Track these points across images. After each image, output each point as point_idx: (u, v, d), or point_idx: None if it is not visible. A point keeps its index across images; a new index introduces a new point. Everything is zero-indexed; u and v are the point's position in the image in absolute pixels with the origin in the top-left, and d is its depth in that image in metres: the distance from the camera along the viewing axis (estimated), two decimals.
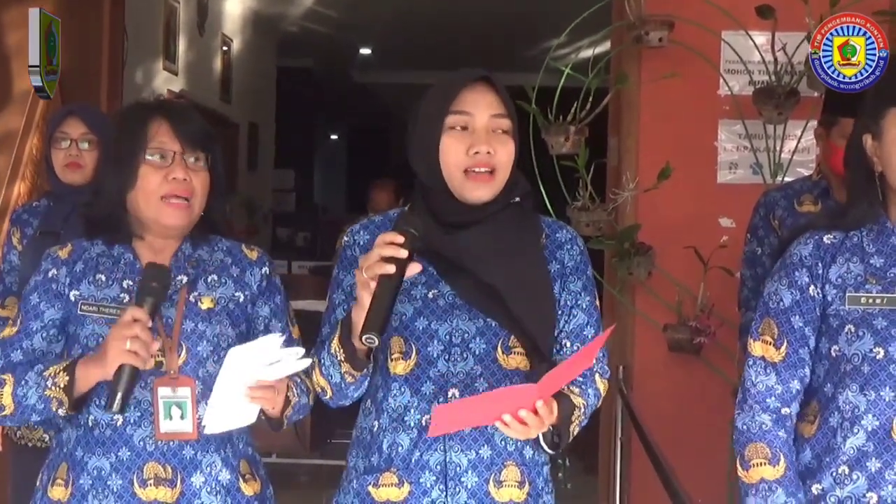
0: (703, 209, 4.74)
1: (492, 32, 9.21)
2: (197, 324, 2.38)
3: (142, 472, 2.32)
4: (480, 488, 2.25)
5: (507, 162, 2.25)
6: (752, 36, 4.68)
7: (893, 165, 2.18)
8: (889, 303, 2.18)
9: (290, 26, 11.19)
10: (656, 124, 4.85)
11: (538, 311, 2.27)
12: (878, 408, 2.16)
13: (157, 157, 2.35)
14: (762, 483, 2.17)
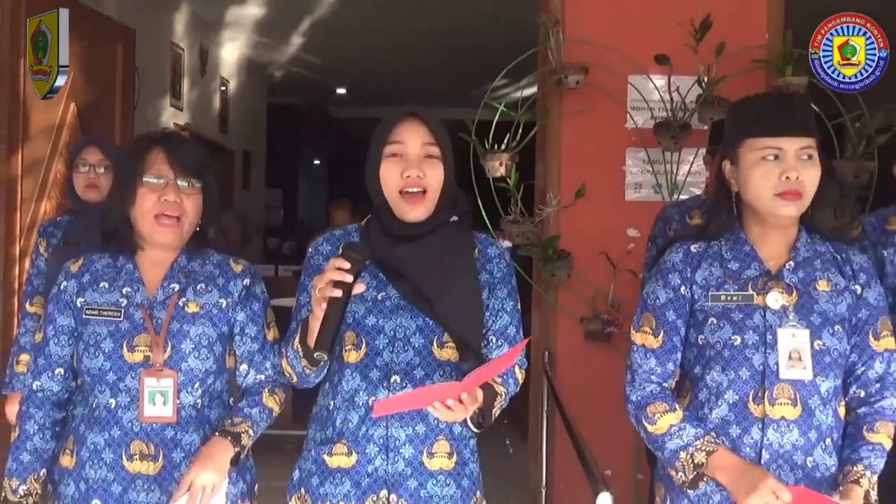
0: (613, 222, 4.70)
1: (443, 75, 9.20)
2: (182, 325, 2.36)
3: (129, 449, 2.30)
4: (415, 458, 2.25)
5: (438, 183, 2.24)
6: (653, 79, 4.66)
7: (748, 187, 2.21)
8: (744, 299, 2.23)
9: (278, 70, 11.17)
10: (574, 152, 4.81)
11: (468, 314, 2.27)
12: (736, 385, 2.21)
13: (153, 180, 2.33)
14: (671, 428, 2.17)
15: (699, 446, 2.12)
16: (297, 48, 10.03)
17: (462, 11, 7.47)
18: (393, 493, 2.23)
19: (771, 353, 2.18)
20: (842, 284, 2.26)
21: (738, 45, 4.50)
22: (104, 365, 2.32)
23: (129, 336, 2.33)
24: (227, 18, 9.00)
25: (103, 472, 2.30)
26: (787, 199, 2.17)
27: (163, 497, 2.30)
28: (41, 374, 2.39)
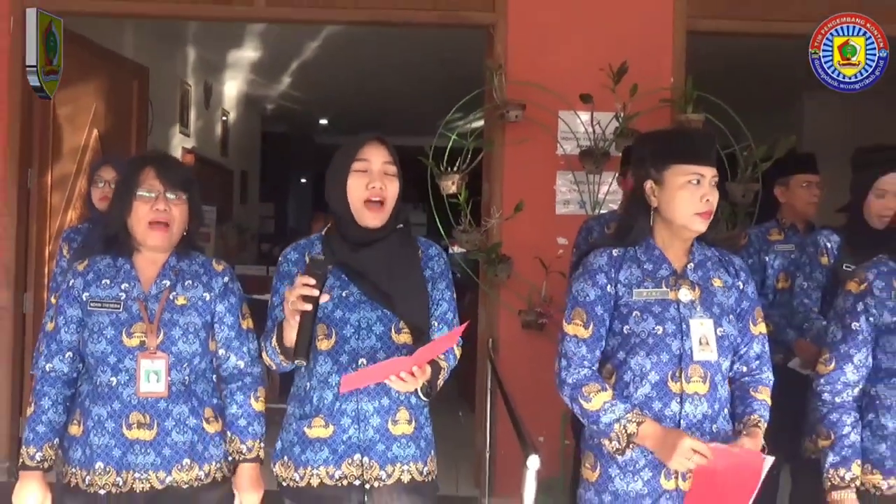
0: (546, 232, 4.72)
1: (406, 109, 9.20)
2: (172, 315, 2.35)
3: (128, 419, 2.28)
4: (382, 426, 2.25)
5: (394, 195, 2.28)
6: (579, 114, 4.67)
7: (672, 205, 2.20)
8: (661, 294, 2.22)
9: (270, 104, 11.12)
10: (514, 174, 4.82)
11: (417, 304, 2.28)
12: (658, 367, 2.19)
13: (146, 193, 2.32)
14: (605, 404, 2.15)
15: (630, 419, 2.10)
16: (286, 86, 9.98)
17: (422, 56, 7.50)
18: (365, 456, 2.23)
19: (686, 339, 2.18)
20: (729, 281, 2.28)
21: (648, 86, 4.53)
22: (106, 349, 2.30)
23: (128, 324, 2.31)
24: (228, 60, 8.94)
25: (106, 439, 2.28)
26: (703, 217, 2.19)
27: (157, 459, 2.29)
28: (53, 358, 2.35)
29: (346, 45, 7.79)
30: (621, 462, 2.19)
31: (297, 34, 7.61)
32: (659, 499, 2.16)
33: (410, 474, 2.27)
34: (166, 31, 7.39)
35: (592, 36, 4.75)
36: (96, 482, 2.28)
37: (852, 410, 2.32)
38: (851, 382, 2.32)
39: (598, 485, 2.22)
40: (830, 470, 2.29)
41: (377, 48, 7.69)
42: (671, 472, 2.15)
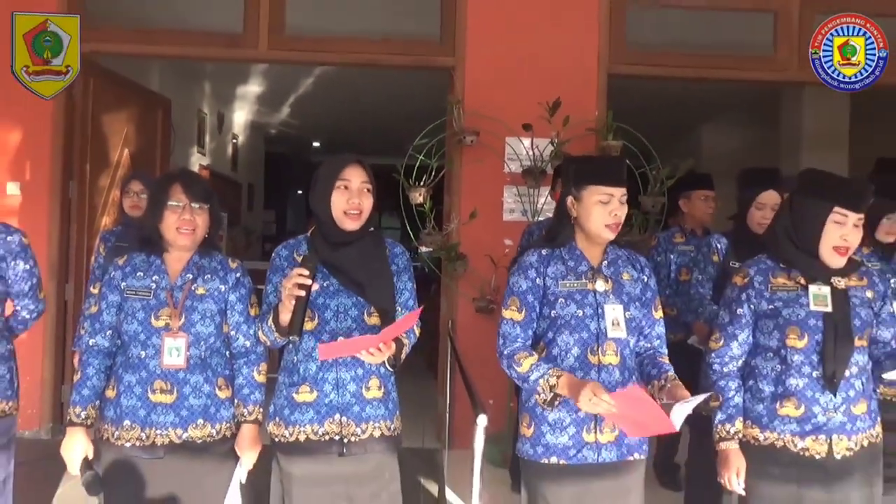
0: (495, 234, 4.72)
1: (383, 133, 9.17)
2: (193, 302, 2.32)
3: (152, 385, 2.27)
4: (358, 391, 2.25)
5: (368, 207, 2.27)
6: (522, 140, 4.69)
7: (588, 218, 2.22)
8: (581, 286, 2.22)
9: (272, 129, 11.01)
10: (470, 187, 4.82)
11: (386, 293, 2.28)
12: (580, 343, 2.19)
13: (175, 203, 2.31)
14: (532, 366, 2.15)
15: (551, 374, 2.10)
16: (285, 115, 9.90)
17: (397, 92, 7.50)
18: (343, 416, 2.23)
19: (601, 321, 2.19)
20: (636, 276, 2.29)
21: (577, 118, 4.55)
22: (137, 328, 2.28)
23: (156, 309, 2.29)
24: (237, 94, 8.84)
25: (133, 401, 2.27)
26: (612, 229, 2.20)
27: (176, 418, 2.27)
28: (96, 335, 2.33)
29: (334, 83, 7.76)
30: (551, 420, 2.19)
31: (294, 73, 7.57)
32: (581, 449, 2.16)
33: (380, 430, 2.28)
34: (186, 69, 7.32)
35: (533, 77, 4.76)
36: (123, 437, 2.26)
37: (736, 378, 2.33)
38: (736, 356, 2.33)
39: (532, 439, 2.22)
40: (719, 426, 2.30)
41: (360, 85, 7.67)
42: (591, 428, 2.16)
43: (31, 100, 4.52)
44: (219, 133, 9.15)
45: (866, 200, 2.22)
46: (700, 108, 8.37)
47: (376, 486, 2.26)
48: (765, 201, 3.22)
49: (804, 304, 2.23)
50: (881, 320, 2.30)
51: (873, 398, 2.29)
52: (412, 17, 5.13)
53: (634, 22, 4.97)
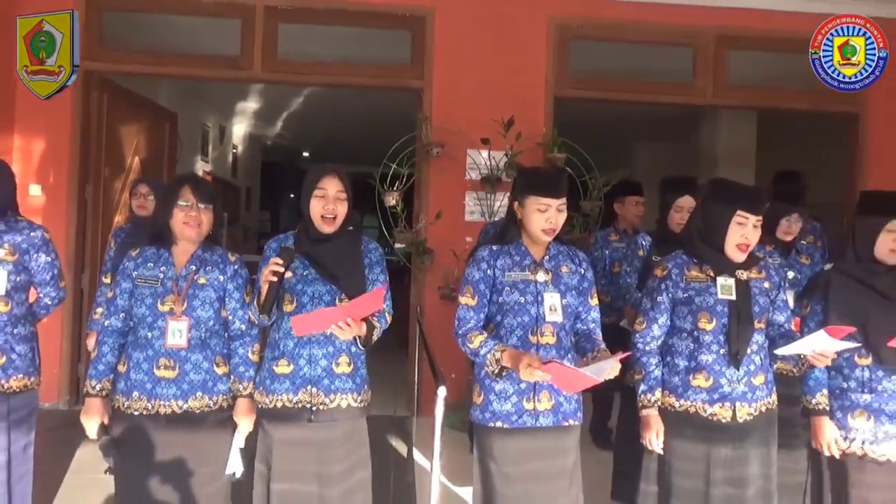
0: (458, 232, 4.71)
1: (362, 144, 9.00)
2: (195, 290, 2.29)
3: (157, 362, 2.23)
4: (328, 366, 2.24)
5: (343, 213, 2.25)
6: (481, 152, 4.68)
7: (529, 222, 2.23)
8: (524, 276, 2.22)
9: (268, 140, 10.88)
10: (436, 192, 4.80)
11: (357, 283, 2.25)
12: (522, 326, 2.20)
13: (184, 203, 2.29)
14: (481, 343, 2.15)
15: (497, 349, 2.10)
16: (279, 128, 9.78)
17: (374, 109, 7.44)
18: (314, 387, 2.22)
19: (540, 307, 2.19)
20: (574, 268, 2.29)
21: (528, 133, 4.57)
22: (145, 312, 2.26)
23: (163, 296, 2.27)
24: (237, 109, 8.72)
25: (140, 376, 2.25)
26: (548, 233, 2.21)
27: (177, 391, 2.25)
28: (111, 317, 2.31)
29: (320, 101, 7.70)
30: (497, 390, 2.20)
31: (286, 93, 7.48)
32: (522, 415, 2.18)
33: (347, 401, 2.26)
34: (191, 87, 7.18)
35: (491, 98, 4.76)
36: (132, 406, 2.24)
37: (657, 355, 2.35)
38: (656, 336, 2.35)
39: (481, 406, 2.23)
40: (641, 395, 2.33)
41: (342, 103, 7.61)
42: (530, 398, 2.17)
43: (52, 111, 4.44)
44: (220, 143, 9.01)
45: (763, 205, 2.26)
46: (633, 126, 8.45)
47: (346, 450, 2.26)
48: (682, 205, 3.24)
49: (713, 293, 2.26)
50: (776, 306, 2.35)
51: (770, 371, 2.34)
52: (387, 45, 5.11)
53: (577, 52, 5.00)
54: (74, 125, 4.68)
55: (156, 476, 2.22)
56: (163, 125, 5.75)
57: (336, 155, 10.44)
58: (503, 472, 2.16)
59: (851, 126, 5.25)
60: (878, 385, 2.28)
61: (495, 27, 4.87)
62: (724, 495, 2.23)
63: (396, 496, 3.30)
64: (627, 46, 5.09)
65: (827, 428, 2.30)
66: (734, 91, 5.15)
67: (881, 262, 2.32)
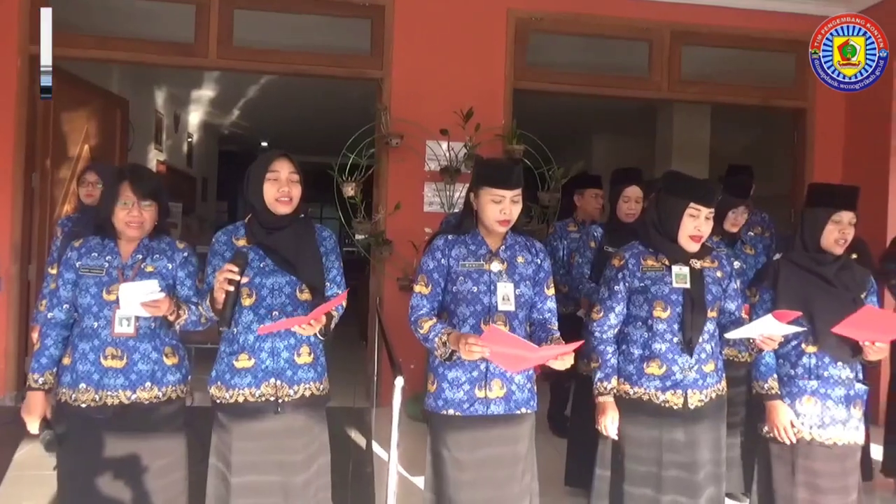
0: (417, 223, 4.69)
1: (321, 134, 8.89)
2: (142, 278, 2.22)
3: (104, 352, 2.17)
4: (290, 358, 2.19)
5: (297, 195, 2.20)
6: (440, 143, 4.67)
7: (484, 213, 2.21)
8: (478, 266, 2.22)
9: (224, 129, 10.65)
10: (395, 183, 4.77)
11: (315, 272, 2.21)
12: (475, 314, 2.19)
13: (123, 203, 2.21)
14: (431, 328, 2.14)
15: (444, 332, 2.09)
16: (236, 117, 9.59)
17: (333, 99, 7.36)
18: (277, 379, 2.18)
19: (493, 296, 2.18)
20: (530, 258, 2.28)
21: (487, 125, 4.58)
22: (90, 302, 2.19)
23: (108, 285, 2.19)
24: (192, 97, 8.51)
25: (87, 367, 2.17)
26: (503, 224, 2.19)
27: (125, 382, 2.18)
28: (54, 308, 2.23)
29: (278, 90, 7.56)
30: (450, 378, 2.20)
31: (243, 81, 7.33)
32: (474, 403, 2.18)
33: (311, 391, 2.23)
34: (144, 74, 6.99)
35: (450, 89, 4.74)
36: (79, 398, 2.17)
37: (613, 343, 2.37)
38: (613, 325, 2.37)
39: (435, 394, 2.23)
40: (597, 383, 2.34)
41: (301, 92, 7.50)
42: (482, 386, 2.17)
43: None
44: (175, 132, 8.78)
45: (715, 197, 2.30)
46: (592, 119, 8.54)
47: (308, 438, 2.23)
48: (629, 194, 3.29)
49: (668, 282, 2.29)
50: (727, 295, 2.39)
51: (720, 359, 2.39)
52: (346, 34, 5.04)
53: (535, 45, 5.01)
54: (19, 112, 4.50)
55: (106, 471, 2.15)
56: (113, 112, 5.57)
57: (294, 144, 10.29)
58: (455, 458, 2.16)
59: (799, 121, 5.39)
60: (824, 371, 2.34)
61: (455, 18, 4.85)
62: (676, 479, 2.27)
63: (354, 487, 3.28)
64: (585, 40, 5.13)
65: (781, 411, 2.34)
66: (688, 86, 5.23)
67: (828, 252, 2.38)
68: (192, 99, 8.61)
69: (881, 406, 4.22)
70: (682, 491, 2.27)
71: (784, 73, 5.37)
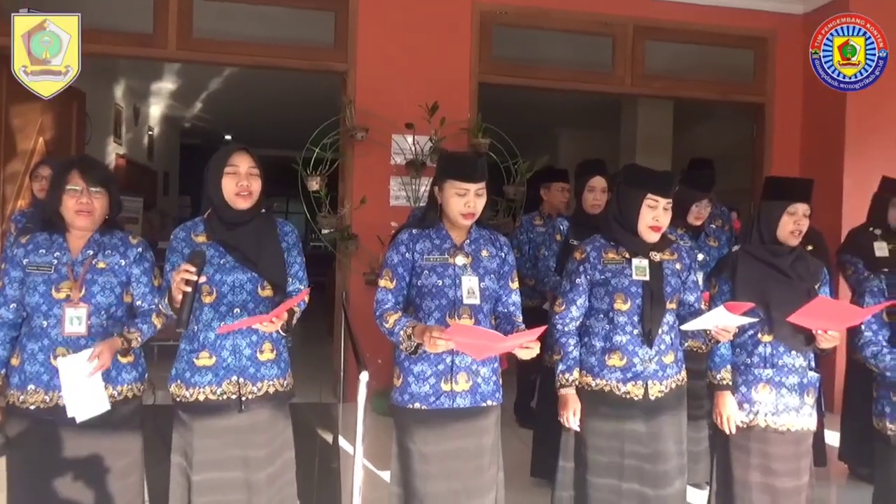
0: (383, 217, 4.68)
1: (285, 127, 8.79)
2: (93, 275, 2.17)
3: (54, 352, 2.11)
4: (252, 355, 2.16)
5: (257, 189, 2.16)
6: (405, 137, 4.66)
7: (448, 206, 2.22)
8: (443, 260, 2.22)
9: (186, 123, 10.48)
10: (361, 177, 4.75)
11: (277, 268, 2.18)
12: (440, 308, 2.19)
13: (72, 188, 2.15)
14: (396, 322, 2.12)
15: (408, 325, 2.08)
16: (199, 110, 9.44)
17: (297, 92, 7.29)
18: (240, 377, 2.15)
19: (458, 290, 2.19)
20: (494, 252, 2.29)
21: (452, 119, 4.58)
22: (39, 300, 2.13)
23: (57, 282, 2.14)
24: (152, 89, 8.34)
25: (36, 367, 2.12)
26: (467, 217, 2.19)
27: None
28: (1, 307, 2.16)
29: (241, 82, 7.46)
30: (416, 372, 2.20)
31: (205, 72, 7.22)
32: (440, 397, 2.18)
33: (274, 387, 2.21)
34: (101, 65, 6.80)
35: (415, 83, 4.73)
36: (28, 400, 2.11)
37: (575, 336, 2.39)
38: (575, 318, 2.39)
39: (400, 388, 2.23)
40: (559, 375, 2.37)
41: (264, 84, 7.41)
42: (448, 379, 2.18)
43: None
44: (135, 125, 8.59)
45: (672, 188, 2.33)
46: (558, 114, 8.60)
47: (271, 434, 2.21)
48: (594, 185, 3.32)
49: (628, 275, 2.32)
50: (687, 287, 2.43)
51: (679, 350, 2.43)
52: (309, 26, 4.98)
53: (500, 39, 5.03)
54: None
55: (58, 475, 2.10)
56: (69, 105, 5.41)
57: (259, 138, 10.17)
58: (420, 451, 2.16)
59: (758, 116, 5.51)
60: (778, 360, 2.40)
61: (420, 11, 4.84)
62: (638, 469, 2.31)
63: (321, 482, 3.26)
64: (550, 34, 5.16)
65: (728, 403, 2.40)
66: (651, 80, 5.31)
67: (784, 244, 2.44)
68: (153, 91, 8.43)
69: (836, 394, 4.36)
70: (645, 481, 2.30)
71: (744, 68, 5.48)
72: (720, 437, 2.48)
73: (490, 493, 2.21)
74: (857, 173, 4.88)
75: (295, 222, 2.30)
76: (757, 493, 2.38)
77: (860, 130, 4.98)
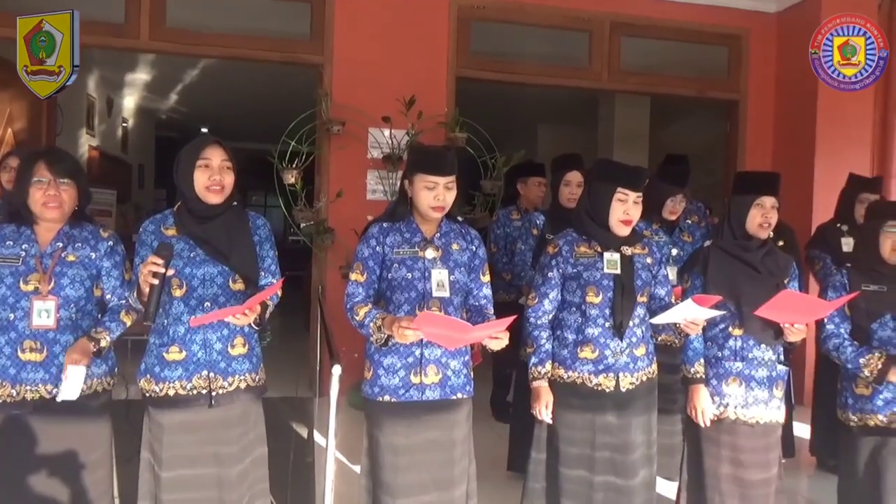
0: (359, 211, 4.61)
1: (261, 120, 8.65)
2: (63, 268, 2.15)
3: (22, 345, 2.09)
4: (223, 349, 2.14)
5: (230, 184, 2.15)
6: (382, 131, 4.64)
7: (418, 199, 2.21)
8: (413, 253, 2.22)
9: (162, 115, 10.33)
10: (337, 170, 4.74)
11: (249, 261, 2.17)
12: (410, 300, 2.19)
13: (39, 180, 2.13)
14: (365, 314, 2.12)
15: (379, 316, 2.08)
16: (174, 102, 9.31)
17: (272, 84, 7.23)
18: (211, 372, 2.13)
19: (428, 283, 2.19)
20: (465, 245, 2.29)
21: (429, 113, 4.57)
22: (6, 293, 2.10)
23: (25, 275, 2.11)
24: (126, 80, 8.21)
25: (3, 360, 2.09)
26: (437, 210, 2.19)
27: (46, 375, 2.10)
28: None
29: (217, 74, 7.39)
30: (385, 365, 2.20)
31: (180, 64, 7.12)
32: (410, 389, 2.18)
33: (246, 382, 2.20)
34: None
35: (392, 76, 4.72)
36: None
37: (547, 329, 2.41)
38: (547, 311, 2.41)
39: (371, 381, 2.23)
40: (532, 367, 2.38)
41: (240, 76, 7.35)
42: (417, 372, 2.18)
43: None
44: (108, 117, 8.46)
45: (642, 182, 2.36)
46: (536, 109, 8.63)
47: (243, 429, 2.20)
48: (570, 179, 3.34)
49: (600, 268, 2.35)
50: (657, 281, 2.47)
51: (651, 343, 2.46)
52: (285, 18, 4.94)
53: (478, 33, 5.03)
54: None
55: (26, 469, 2.08)
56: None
57: (235, 130, 10.06)
58: (390, 443, 2.17)
59: (732, 112, 5.58)
60: (748, 353, 2.44)
61: (397, 4, 4.82)
62: (609, 460, 2.34)
63: (295, 476, 3.25)
64: (528, 29, 5.17)
65: (702, 396, 2.44)
66: (627, 76, 5.35)
67: (754, 238, 2.48)
68: (127, 82, 8.31)
69: (808, 388, 4.44)
70: (615, 472, 2.34)
71: (718, 65, 5.54)
72: (692, 430, 2.52)
73: (461, 485, 2.22)
74: (828, 170, 4.96)
75: (274, 216, 2.27)
76: (727, 485, 2.42)
77: (830, 128, 5.07)
